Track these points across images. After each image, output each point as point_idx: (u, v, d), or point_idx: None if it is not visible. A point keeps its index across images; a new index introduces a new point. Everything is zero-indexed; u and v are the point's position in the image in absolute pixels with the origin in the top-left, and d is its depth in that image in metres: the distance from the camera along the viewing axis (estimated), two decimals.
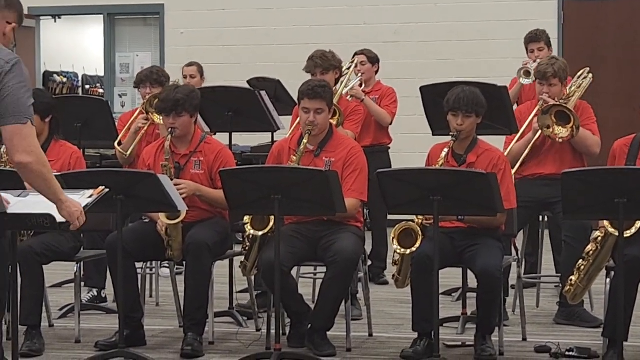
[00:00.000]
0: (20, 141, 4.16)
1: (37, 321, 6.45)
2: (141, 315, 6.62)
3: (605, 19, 12.15)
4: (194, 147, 6.68)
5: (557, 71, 7.16)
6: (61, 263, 6.76)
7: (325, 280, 6.34)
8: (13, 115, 4.16)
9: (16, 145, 4.16)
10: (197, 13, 13.09)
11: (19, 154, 4.17)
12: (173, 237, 6.48)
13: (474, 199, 5.88)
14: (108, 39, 13.85)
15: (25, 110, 4.18)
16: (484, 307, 6.16)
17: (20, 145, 4.16)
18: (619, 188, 5.47)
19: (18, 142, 4.15)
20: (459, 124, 6.29)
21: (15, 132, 4.16)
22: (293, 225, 6.50)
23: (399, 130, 9.02)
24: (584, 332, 6.85)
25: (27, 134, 4.18)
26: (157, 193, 6.05)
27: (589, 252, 5.95)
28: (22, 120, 4.18)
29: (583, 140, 7.15)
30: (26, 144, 4.18)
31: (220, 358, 6.29)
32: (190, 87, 6.88)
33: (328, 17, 12.66)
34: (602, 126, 7.39)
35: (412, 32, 12.49)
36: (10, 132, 4.16)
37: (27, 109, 4.19)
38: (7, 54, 4.27)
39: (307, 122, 6.49)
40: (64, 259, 6.68)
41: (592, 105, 7.45)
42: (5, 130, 4.17)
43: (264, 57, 12.54)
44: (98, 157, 11.90)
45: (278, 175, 6.12)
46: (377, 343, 6.66)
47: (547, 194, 7.04)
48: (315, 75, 7.72)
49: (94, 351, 6.36)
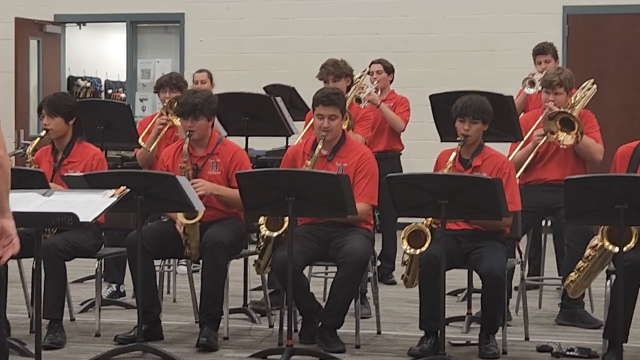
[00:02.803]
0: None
1: (59, 315, 6.46)
2: (159, 310, 6.62)
3: (608, 31, 12.13)
4: (211, 149, 6.68)
5: (562, 80, 7.16)
6: (82, 259, 6.77)
7: (336, 279, 6.34)
8: None
9: None
10: (216, 22, 13.10)
11: None
12: (190, 236, 6.48)
13: (480, 203, 5.87)
14: (130, 46, 13.87)
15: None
16: (488, 307, 6.16)
17: None
18: (620, 194, 5.45)
19: None
20: (466, 130, 6.29)
21: None
22: (306, 227, 6.50)
23: (409, 136, 9.01)
24: (585, 332, 6.83)
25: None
26: (176, 193, 6.06)
27: (588, 257, 5.93)
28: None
29: (586, 147, 7.14)
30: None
31: (234, 353, 6.29)
32: (208, 92, 6.89)
33: (341, 28, 12.66)
34: (605, 134, 7.38)
35: (421, 42, 12.48)
36: None
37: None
38: None
39: (321, 128, 6.49)
40: (85, 255, 6.69)
41: (596, 114, 7.44)
42: None
43: (280, 65, 12.54)
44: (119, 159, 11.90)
45: (292, 178, 6.12)
46: (385, 340, 6.65)
47: (551, 200, 7.02)
48: (327, 82, 7.74)
49: (113, 344, 6.37)
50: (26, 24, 13.32)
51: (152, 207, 6.42)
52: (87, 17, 13.99)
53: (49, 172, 6.71)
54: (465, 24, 12.40)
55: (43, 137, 6.91)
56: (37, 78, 13.60)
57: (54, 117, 6.78)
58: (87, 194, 4.72)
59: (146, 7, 13.42)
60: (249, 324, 7.03)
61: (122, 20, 13.81)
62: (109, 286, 7.92)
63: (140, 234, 6.22)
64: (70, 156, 6.83)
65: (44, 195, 4.55)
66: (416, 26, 12.53)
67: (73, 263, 6.68)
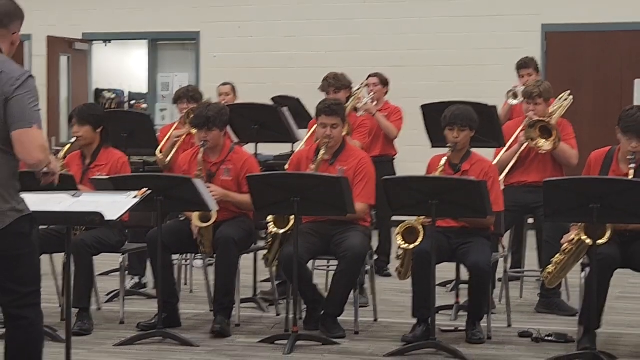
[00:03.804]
0: (31, 141, 3.99)
1: (87, 304, 6.48)
2: (177, 300, 6.63)
3: (582, 47, 12.12)
4: (223, 157, 6.69)
5: (542, 92, 7.16)
6: (108, 254, 6.77)
7: (337, 272, 6.35)
8: (20, 120, 3.99)
9: (27, 146, 3.99)
10: (229, 39, 13.11)
11: (31, 153, 4.01)
12: (205, 236, 6.48)
13: (467, 202, 5.88)
14: (151, 61, 13.88)
15: (31, 116, 4.00)
16: (475, 297, 6.16)
17: (31, 145, 3.99)
18: (594, 195, 5.46)
19: (28, 143, 3.98)
20: (455, 137, 6.29)
21: (23, 134, 4.00)
22: (310, 224, 6.51)
23: (403, 142, 9.01)
24: (562, 319, 6.83)
25: (34, 134, 4.00)
26: (192, 195, 6.07)
27: (565, 250, 5.94)
28: (27, 125, 4.00)
29: (563, 153, 7.14)
30: (35, 145, 4.01)
31: (245, 338, 6.30)
32: (220, 105, 6.89)
33: (342, 44, 12.66)
34: (580, 141, 7.37)
35: (416, 57, 12.47)
36: (19, 135, 4.00)
37: (32, 114, 4.01)
38: (17, 71, 4.10)
39: (324, 136, 6.50)
40: (111, 251, 6.70)
41: (572, 122, 7.44)
42: (14, 135, 4.01)
43: (286, 78, 12.54)
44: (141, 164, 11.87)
45: (298, 180, 6.13)
46: (382, 327, 6.66)
47: (531, 200, 7.03)
48: (329, 93, 7.74)
49: (136, 331, 6.38)
50: (57, 41, 13.34)
51: (171, 207, 6.44)
52: (112, 36, 14.00)
53: (78, 175, 6.72)
54: (456, 41, 12.40)
55: (73, 144, 6.93)
56: (67, 90, 13.62)
57: (83, 125, 6.79)
58: (112, 195, 4.72)
59: (165, 26, 13.43)
60: (258, 313, 7.03)
61: (144, 38, 13.83)
62: (132, 278, 7.93)
63: (160, 232, 6.23)
64: (97, 160, 6.84)
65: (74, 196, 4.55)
66: (411, 43, 12.53)
67: (100, 257, 6.69)
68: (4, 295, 4.22)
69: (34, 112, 4.05)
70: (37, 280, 4.31)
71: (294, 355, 5.86)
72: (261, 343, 6.13)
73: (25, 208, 4.20)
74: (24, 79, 4.08)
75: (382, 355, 5.85)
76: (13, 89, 4.05)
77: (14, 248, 4.14)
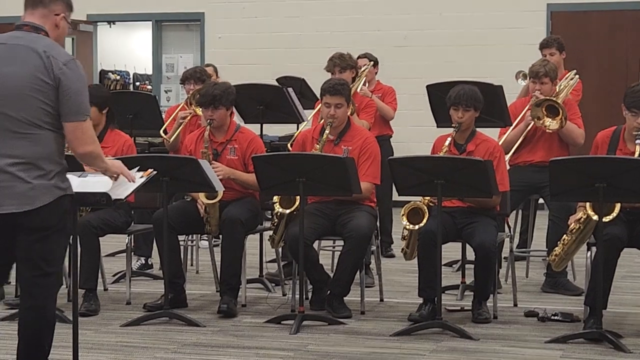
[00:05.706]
0: (83, 134, 4.23)
1: (93, 285, 6.48)
2: (183, 281, 6.63)
3: (588, 26, 12.07)
4: (229, 136, 6.68)
5: (548, 71, 7.14)
6: (114, 235, 6.78)
7: (343, 252, 6.34)
8: (75, 114, 4.22)
9: (79, 138, 4.24)
10: (234, 20, 13.07)
11: (83, 145, 4.25)
12: (211, 214, 6.48)
13: (472, 182, 5.86)
14: (155, 42, 13.84)
15: (85, 109, 4.25)
16: (480, 276, 6.15)
17: (83, 138, 4.24)
18: (599, 174, 5.44)
19: (81, 135, 4.23)
20: (459, 117, 6.27)
21: (77, 127, 4.23)
22: (315, 204, 6.50)
23: (407, 122, 9.00)
24: (568, 299, 6.82)
25: (87, 127, 4.26)
26: (198, 175, 6.06)
27: (572, 230, 5.93)
28: (82, 118, 4.24)
29: (569, 132, 7.12)
30: (87, 136, 4.26)
31: (252, 318, 6.30)
32: (227, 84, 6.87)
33: (347, 24, 12.62)
34: (586, 120, 7.35)
35: (419, 37, 12.43)
36: (74, 128, 4.23)
37: (86, 108, 4.26)
38: (63, 55, 4.25)
39: (328, 116, 6.48)
40: (117, 232, 6.70)
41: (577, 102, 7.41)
42: (68, 126, 4.23)
43: (291, 59, 12.51)
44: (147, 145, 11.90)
45: (303, 160, 6.11)
46: (387, 307, 6.66)
47: (537, 179, 7.01)
48: (334, 73, 7.71)
49: (142, 311, 6.39)
50: None
51: (177, 188, 6.43)
52: (117, 17, 13.98)
53: None
54: (460, 21, 12.35)
55: None
56: None
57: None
58: None
59: (170, 7, 13.40)
60: (264, 293, 7.04)
61: (148, 19, 13.79)
62: (138, 259, 7.94)
63: (166, 212, 6.23)
64: (103, 142, 6.79)
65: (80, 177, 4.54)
66: (415, 23, 12.49)
67: (106, 238, 6.69)
68: (27, 270, 4.24)
69: (87, 103, 4.27)
70: (60, 262, 4.36)
71: (300, 335, 5.86)
72: (267, 323, 6.13)
73: (69, 187, 4.29)
74: (70, 65, 4.20)
75: (388, 335, 5.84)
76: (65, 76, 4.17)
77: (51, 225, 4.19)
